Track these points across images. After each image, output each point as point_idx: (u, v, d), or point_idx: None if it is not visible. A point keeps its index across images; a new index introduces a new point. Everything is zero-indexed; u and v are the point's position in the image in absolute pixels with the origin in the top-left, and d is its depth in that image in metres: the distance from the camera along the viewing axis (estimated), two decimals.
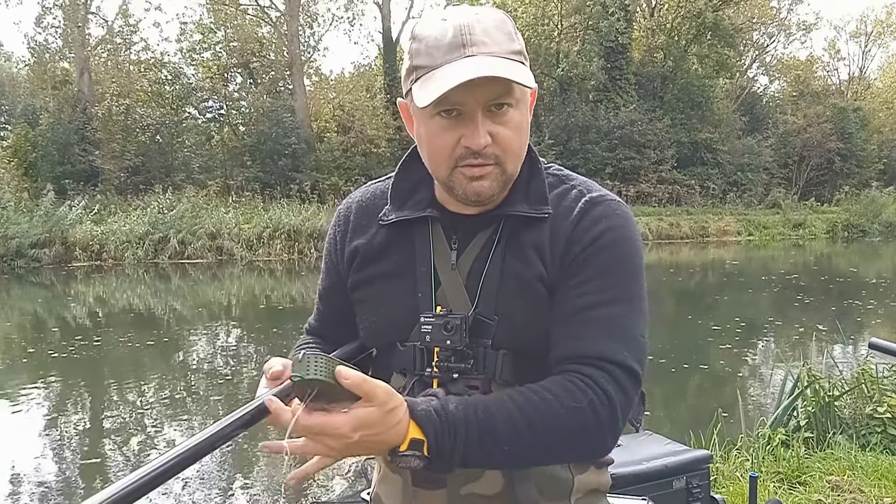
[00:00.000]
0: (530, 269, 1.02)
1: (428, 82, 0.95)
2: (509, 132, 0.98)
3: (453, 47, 0.94)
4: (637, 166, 29.64)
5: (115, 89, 26.60)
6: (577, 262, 1.01)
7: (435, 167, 1.03)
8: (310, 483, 4.71)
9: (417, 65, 0.98)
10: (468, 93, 0.93)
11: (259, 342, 9.80)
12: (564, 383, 0.94)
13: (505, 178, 1.01)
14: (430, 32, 0.97)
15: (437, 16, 0.99)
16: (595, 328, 0.97)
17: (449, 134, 0.97)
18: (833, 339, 8.15)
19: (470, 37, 0.94)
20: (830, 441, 3.99)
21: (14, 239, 17.67)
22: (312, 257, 19.14)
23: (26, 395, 7.09)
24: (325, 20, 30.86)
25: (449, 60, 0.94)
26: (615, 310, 0.98)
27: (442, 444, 0.88)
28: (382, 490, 1.15)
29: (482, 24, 0.96)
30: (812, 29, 43.85)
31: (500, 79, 0.93)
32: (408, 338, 1.06)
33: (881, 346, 1.65)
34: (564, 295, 1.00)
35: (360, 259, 1.12)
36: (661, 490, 2.20)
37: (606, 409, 0.93)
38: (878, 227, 30.31)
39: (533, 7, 31.81)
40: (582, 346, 0.97)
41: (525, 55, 1.00)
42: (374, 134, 28.24)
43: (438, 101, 0.93)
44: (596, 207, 1.04)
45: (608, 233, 1.01)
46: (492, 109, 0.96)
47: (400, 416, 0.87)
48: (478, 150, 0.96)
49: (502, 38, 0.96)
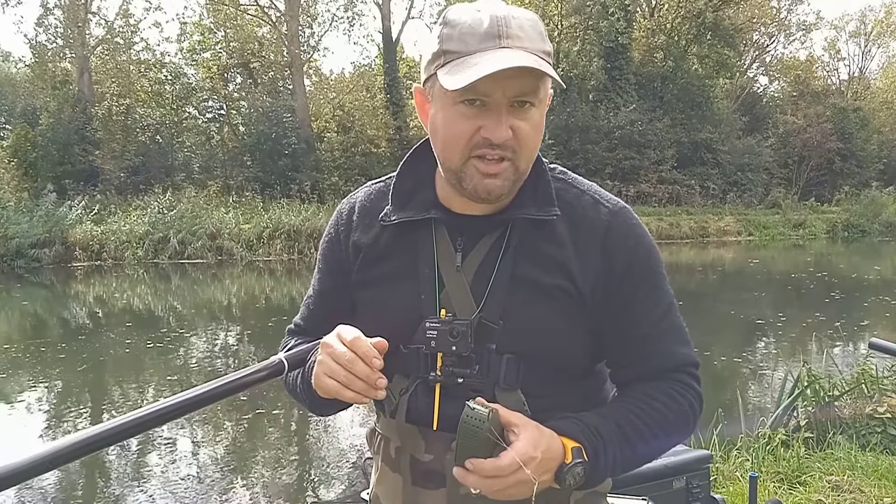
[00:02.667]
0: (550, 277, 1.02)
1: (459, 67, 0.94)
2: (530, 129, 0.98)
3: (489, 36, 0.94)
4: (637, 166, 29.62)
5: (116, 89, 26.61)
6: (625, 279, 1.04)
7: (448, 155, 1.01)
8: (310, 483, 4.72)
9: (448, 49, 0.96)
10: (497, 84, 0.93)
11: (259, 342, 9.80)
12: (669, 391, 1.04)
13: (517, 177, 1.00)
14: (465, 19, 0.96)
15: (472, 6, 0.99)
16: (668, 338, 1.07)
17: (469, 122, 0.96)
18: (833, 339, 8.15)
19: (506, 29, 0.94)
20: (830, 441, 3.99)
21: (14, 239, 17.67)
22: (312, 257, 19.02)
23: (26, 395, 7.09)
24: (324, 20, 30.84)
25: (483, 49, 0.93)
26: (674, 317, 1.08)
27: (596, 446, 0.96)
28: (381, 490, 1.15)
29: (517, 19, 0.96)
30: (812, 29, 43.73)
31: (530, 75, 0.93)
32: (411, 340, 1.05)
33: (881, 346, 1.65)
34: (631, 316, 1.05)
35: (363, 258, 1.11)
36: (661, 490, 2.20)
37: (698, 403, 1.07)
38: (878, 227, 30.27)
39: (533, 7, 31.77)
40: (668, 359, 1.06)
41: (552, 58, 1.00)
42: (374, 134, 28.24)
43: (467, 89, 0.92)
44: (619, 218, 1.06)
45: (640, 244, 1.06)
46: (515, 105, 0.96)
47: (544, 429, 0.95)
48: (499, 142, 0.96)
49: (536, 36, 0.97)
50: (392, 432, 1.11)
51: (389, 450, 1.12)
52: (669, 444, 1.07)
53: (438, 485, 1.05)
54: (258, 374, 1.01)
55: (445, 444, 1.04)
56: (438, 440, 1.05)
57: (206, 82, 29.44)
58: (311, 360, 1.07)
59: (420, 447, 1.07)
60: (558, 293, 1.02)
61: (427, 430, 1.05)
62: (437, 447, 1.05)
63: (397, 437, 1.10)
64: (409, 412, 1.07)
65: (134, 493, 4.43)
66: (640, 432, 1.00)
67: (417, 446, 1.07)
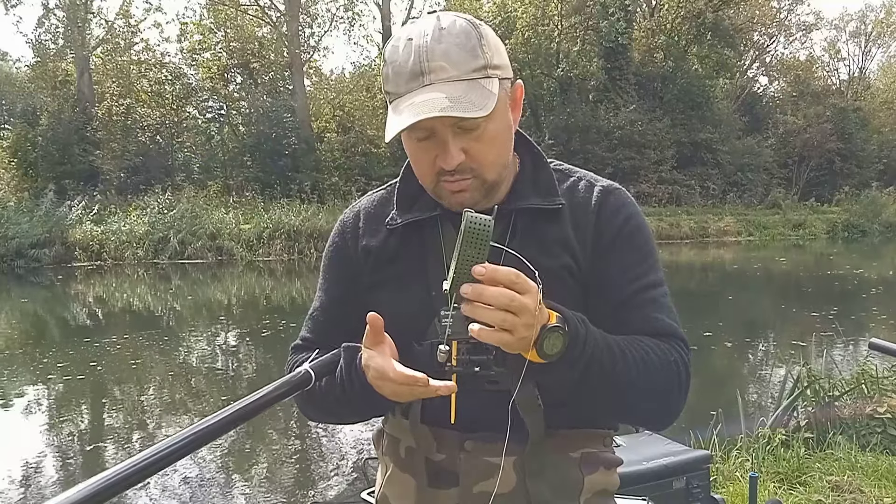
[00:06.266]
0: (555, 260, 1.05)
1: (396, 109, 0.98)
2: (483, 146, 1.00)
3: (413, 76, 0.96)
4: (637, 166, 29.59)
5: (116, 89, 26.64)
6: (611, 249, 1.06)
7: (422, 182, 1.07)
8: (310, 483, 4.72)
9: (388, 90, 1.01)
10: (433, 118, 0.94)
11: (258, 342, 9.80)
12: (654, 341, 1.02)
13: (487, 187, 1.04)
14: (395, 57, 0.99)
15: (404, 35, 0.99)
16: (654, 307, 1.05)
17: (427, 154, 1.01)
18: (833, 339, 8.14)
19: (428, 64, 0.95)
20: (830, 441, 3.99)
21: (14, 239, 17.68)
22: (312, 257, 19.12)
23: (27, 394, 7.10)
24: (324, 20, 30.85)
25: (409, 90, 0.97)
26: (663, 294, 1.07)
27: (578, 328, 0.92)
28: (390, 491, 1.15)
29: (443, 43, 0.96)
30: (812, 29, 43.66)
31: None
32: (424, 336, 1.06)
33: (881, 346, 1.65)
34: (611, 282, 1.05)
35: (374, 261, 1.13)
36: (661, 490, 2.20)
37: (684, 372, 1.03)
38: (878, 227, 30.25)
39: (533, 7, 31.78)
40: (653, 325, 1.04)
41: (491, 66, 0.98)
42: (374, 134, 28.23)
43: (410, 128, 0.96)
44: (611, 196, 1.10)
45: (631, 220, 1.09)
46: (462, 128, 0.98)
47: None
48: (451, 168, 0.99)
49: (463, 58, 0.96)
50: (404, 432, 1.12)
51: (399, 450, 1.13)
52: (650, 390, 0.99)
53: (451, 484, 1.06)
54: (283, 388, 0.99)
55: (458, 444, 1.05)
56: (450, 439, 1.06)
57: (206, 82, 29.46)
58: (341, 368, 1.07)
59: (432, 447, 1.08)
60: (565, 274, 1.05)
61: (438, 430, 1.07)
62: (449, 446, 1.06)
63: (411, 437, 1.10)
64: (425, 409, 1.07)
65: (134, 492, 4.43)
66: (622, 350, 0.97)
67: (430, 446, 1.08)
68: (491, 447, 1.04)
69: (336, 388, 1.07)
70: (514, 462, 1.04)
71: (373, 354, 0.99)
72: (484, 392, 1.02)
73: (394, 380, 0.95)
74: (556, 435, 1.05)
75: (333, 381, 1.07)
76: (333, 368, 1.07)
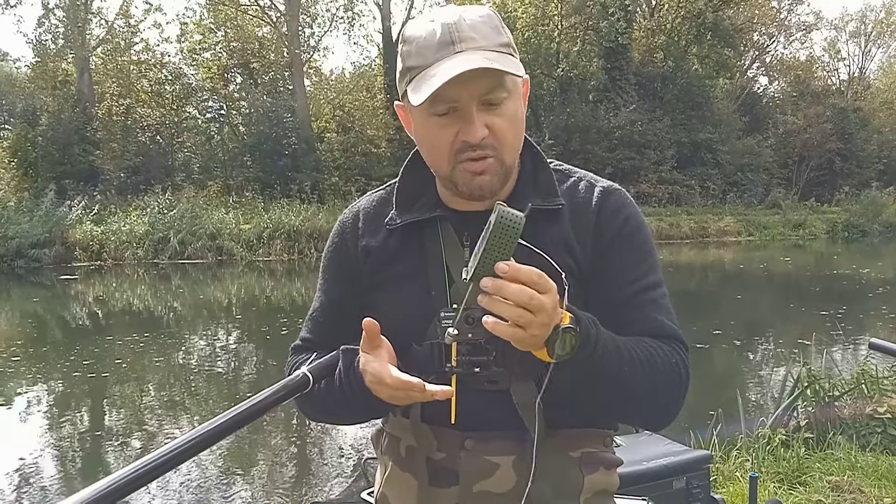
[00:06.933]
0: (555, 260, 1.02)
1: (421, 82, 0.97)
2: (505, 123, 1.00)
3: (443, 45, 0.96)
4: (637, 166, 29.59)
5: (116, 89, 26.63)
6: (611, 250, 1.06)
7: (437, 165, 1.05)
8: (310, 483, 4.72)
9: (410, 66, 1.00)
10: (461, 88, 0.95)
11: (258, 342, 9.80)
12: (656, 342, 1.02)
13: (504, 171, 1.03)
14: (419, 33, 0.99)
15: (425, 18, 1.01)
16: (653, 308, 1.06)
17: (447, 131, 1.00)
18: (833, 339, 8.14)
19: (458, 34, 0.96)
20: (830, 441, 3.99)
21: (14, 239, 17.69)
22: (312, 257, 19.12)
23: (26, 395, 7.09)
24: (324, 20, 30.85)
25: (440, 58, 0.96)
26: (659, 292, 1.08)
27: (589, 329, 0.93)
28: (390, 490, 1.15)
29: (469, 20, 0.98)
30: (812, 29, 43.70)
31: (492, 71, 0.95)
32: (423, 337, 1.06)
33: (881, 346, 1.65)
34: (611, 282, 1.06)
35: (373, 261, 1.13)
36: (661, 490, 2.20)
37: (685, 374, 1.03)
38: (878, 227, 30.26)
39: (533, 7, 31.79)
40: (652, 326, 1.04)
41: (514, 48, 1.01)
42: (374, 134, 28.24)
43: (434, 99, 0.95)
44: (611, 197, 1.10)
45: (631, 220, 1.09)
46: (486, 102, 0.98)
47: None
48: (475, 142, 0.98)
49: (489, 32, 0.98)
50: (404, 431, 1.12)
51: (399, 449, 1.13)
52: (654, 392, 1.00)
53: (451, 483, 1.06)
54: (282, 391, 0.99)
55: (457, 442, 1.05)
56: (451, 438, 1.06)
57: (206, 82, 29.45)
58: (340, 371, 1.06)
59: (433, 446, 1.08)
60: (566, 275, 1.03)
61: (438, 429, 1.06)
62: (449, 445, 1.06)
63: (411, 436, 1.10)
64: (425, 409, 1.07)
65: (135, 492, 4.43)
66: (629, 352, 0.98)
67: (430, 445, 1.08)
68: (491, 446, 1.04)
69: (335, 391, 1.07)
70: (514, 461, 1.04)
71: (370, 359, 0.99)
72: (484, 391, 1.02)
73: (390, 385, 0.96)
74: (556, 435, 1.05)
75: (332, 383, 1.07)
76: (331, 371, 1.07)
